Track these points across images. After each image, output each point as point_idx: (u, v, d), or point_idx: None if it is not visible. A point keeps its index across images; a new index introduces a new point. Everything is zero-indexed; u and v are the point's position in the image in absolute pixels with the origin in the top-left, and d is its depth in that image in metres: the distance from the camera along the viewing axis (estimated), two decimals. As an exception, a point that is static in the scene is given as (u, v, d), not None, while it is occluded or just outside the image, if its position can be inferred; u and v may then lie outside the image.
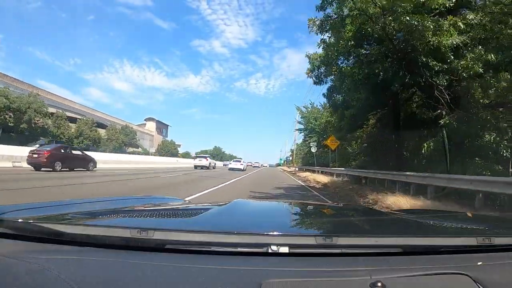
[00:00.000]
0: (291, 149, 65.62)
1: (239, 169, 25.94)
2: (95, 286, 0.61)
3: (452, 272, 0.70)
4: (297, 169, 41.95)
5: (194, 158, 26.17)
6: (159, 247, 0.76)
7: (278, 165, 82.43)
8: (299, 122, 33.23)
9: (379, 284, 0.62)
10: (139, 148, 53.88)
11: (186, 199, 2.91)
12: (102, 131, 44.18)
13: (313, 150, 25.22)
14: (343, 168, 16.38)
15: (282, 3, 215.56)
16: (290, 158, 62.60)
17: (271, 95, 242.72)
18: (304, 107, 30.84)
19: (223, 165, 48.29)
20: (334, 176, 16.97)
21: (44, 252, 0.74)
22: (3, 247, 0.75)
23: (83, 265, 0.69)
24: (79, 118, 40.72)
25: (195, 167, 25.40)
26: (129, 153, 41.16)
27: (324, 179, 16.36)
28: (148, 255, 0.74)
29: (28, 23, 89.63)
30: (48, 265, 0.65)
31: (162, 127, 72.94)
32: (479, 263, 0.78)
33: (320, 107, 27.97)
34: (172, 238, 0.78)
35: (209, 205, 1.46)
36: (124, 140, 45.18)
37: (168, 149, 61.86)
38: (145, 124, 68.81)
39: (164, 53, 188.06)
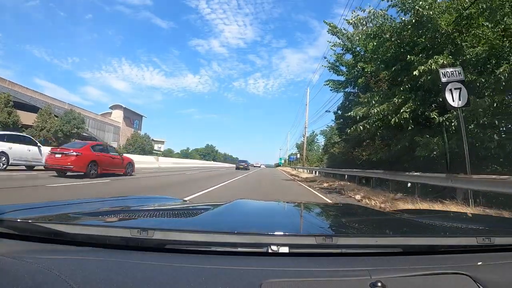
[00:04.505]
0: (296, 144, 52.11)
1: None
2: (95, 286, 0.59)
3: (452, 272, 0.70)
4: (316, 174, 23.52)
5: None
6: (159, 247, 0.75)
7: (278, 165, 72.05)
8: (334, 67, 12.01)
9: (379, 284, 0.61)
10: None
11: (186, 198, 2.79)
12: (31, 116, 30.24)
13: (460, 102, 5.51)
14: None
15: (281, 3, 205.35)
16: (297, 156, 48.20)
17: (270, 95, 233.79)
18: (350, 21, 8.87)
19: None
20: None
21: (44, 252, 0.73)
22: (3, 247, 0.74)
23: (83, 265, 0.67)
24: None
25: None
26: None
27: None
28: (148, 255, 0.73)
29: (27, 22, 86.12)
30: (48, 265, 0.64)
31: (133, 118, 58.43)
32: (479, 263, 0.77)
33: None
34: (172, 238, 0.78)
35: (209, 205, 1.45)
36: (64, 129, 31.20)
37: (139, 145, 48.17)
38: (111, 113, 54.40)
39: (162, 52, 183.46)
